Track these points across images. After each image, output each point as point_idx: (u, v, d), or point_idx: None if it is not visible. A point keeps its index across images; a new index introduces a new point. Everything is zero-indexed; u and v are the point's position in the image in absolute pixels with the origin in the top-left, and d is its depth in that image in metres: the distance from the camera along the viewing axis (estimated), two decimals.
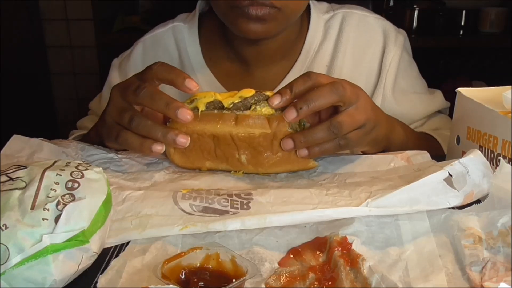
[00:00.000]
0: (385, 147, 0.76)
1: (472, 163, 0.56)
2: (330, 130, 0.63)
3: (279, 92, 0.64)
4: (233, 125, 0.64)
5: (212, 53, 0.99)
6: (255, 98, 0.65)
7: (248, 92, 0.66)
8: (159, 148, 0.64)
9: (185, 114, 0.63)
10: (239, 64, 0.97)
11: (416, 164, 0.68)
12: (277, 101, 0.64)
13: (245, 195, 0.60)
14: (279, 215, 0.55)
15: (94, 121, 1.01)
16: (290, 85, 0.64)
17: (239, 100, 0.65)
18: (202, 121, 0.65)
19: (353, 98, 0.64)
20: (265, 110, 0.65)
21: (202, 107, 0.65)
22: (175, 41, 1.00)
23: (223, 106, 0.65)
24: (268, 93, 0.65)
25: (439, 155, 0.74)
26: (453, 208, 0.55)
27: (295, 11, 0.86)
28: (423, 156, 0.70)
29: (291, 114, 0.63)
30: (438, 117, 0.98)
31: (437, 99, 0.98)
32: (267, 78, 0.96)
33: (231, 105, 0.65)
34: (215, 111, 0.65)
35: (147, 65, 0.68)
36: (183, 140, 0.64)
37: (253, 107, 0.65)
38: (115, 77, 1.02)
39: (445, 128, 0.93)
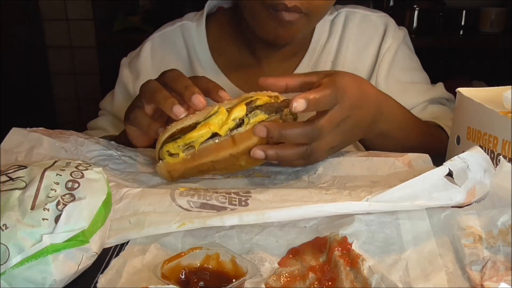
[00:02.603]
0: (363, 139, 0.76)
1: (472, 158, 0.55)
2: (303, 154, 0.63)
3: (305, 98, 0.61)
4: (232, 146, 0.63)
5: (222, 50, 1.00)
6: (247, 112, 0.63)
7: (240, 111, 0.63)
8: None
9: (198, 101, 0.64)
10: (250, 61, 0.99)
11: (417, 170, 0.68)
12: (301, 107, 0.61)
13: (243, 193, 0.60)
14: (278, 211, 0.55)
15: (109, 121, 1.02)
16: (318, 98, 0.61)
17: (234, 124, 0.63)
18: (201, 157, 0.63)
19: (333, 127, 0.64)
20: (258, 118, 0.63)
21: (197, 146, 0.63)
22: (184, 39, 1.01)
23: (218, 134, 0.63)
24: (259, 101, 0.63)
25: (443, 152, 0.73)
26: (453, 207, 0.55)
27: (319, 18, 0.90)
28: (424, 161, 0.70)
29: (262, 133, 0.62)
30: (438, 106, 0.97)
31: (437, 89, 0.98)
32: (275, 74, 0.97)
33: (227, 132, 0.63)
34: (210, 141, 0.63)
35: (157, 63, 0.71)
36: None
37: (246, 121, 0.63)
38: (126, 75, 1.03)
39: (445, 118, 0.93)
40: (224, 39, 1.00)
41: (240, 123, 0.63)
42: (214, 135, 0.63)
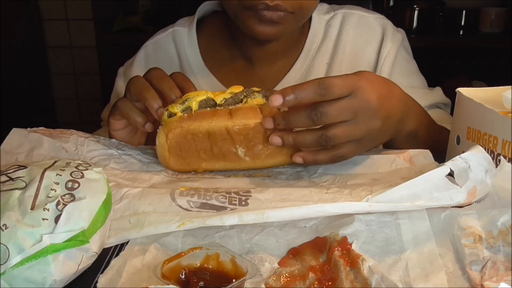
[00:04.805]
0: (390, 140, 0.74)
1: (474, 158, 0.55)
2: (319, 140, 0.63)
3: (281, 94, 0.61)
4: (228, 118, 0.66)
5: (214, 53, 1.00)
6: (244, 93, 0.67)
7: (237, 88, 0.68)
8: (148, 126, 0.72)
9: None
10: (242, 62, 0.99)
11: (418, 166, 0.68)
12: (278, 102, 0.61)
13: (243, 192, 0.60)
14: (278, 210, 0.54)
15: (107, 132, 1.03)
16: (296, 90, 0.61)
17: (230, 96, 0.67)
18: (197, 119, 0.66)
19: (347, 115, 0.62)
20: (256, 101, 0.66)
21: (195, 106, 0.66)
22: (175, 45, 1.02)
23: (215, 104, 0.67)
24: (255, 89, 0.68)
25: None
26: (453, 207, 0.55)
27: (306, 14, 0.90)
28: (425, 156, 0.70)
29: (269, 124, 0.64)
30: (437, 111, 0.97)
31: (436, 93, 0.98)
32: (269, 76, 0.97)
33: (223, 101, 0.67)
34: (208, 109, 0.67)
35: None
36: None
37: (244, 100, 0.67)
38: (120, 85, 1.04)
39: (445, 122, 0.93)
40: (216, 43, 1.00)
41: (239, 101, 0.67)
42: (213, 105, 0.67)
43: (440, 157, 0.70)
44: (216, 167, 0.71)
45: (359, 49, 0.98)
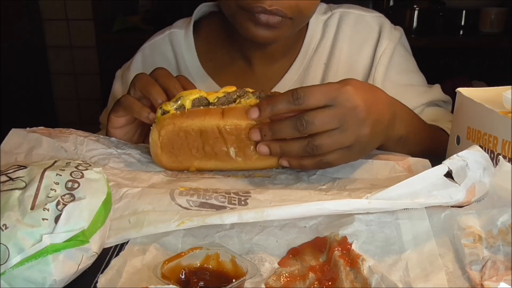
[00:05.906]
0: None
1: (471, 156, 0.55)
2: (305, 148, 0.62)
3: (258, 107, 0.63)
4: (220, 118, 0.66)
5: (211, 55, 1.00)
6: (238, 93, 0.67)
7: (230, 88, 0.68)
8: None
9: None
10: (240, 63, 0.98)
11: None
12: (254, 115, 0.63)
13: (243, 193, 0.60)
14: (277, 208, 0.54)
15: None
16: (272, 102, 0.63)
17: (223, 95, 0.67)
18: (189, 117, 0.66)
19: (334, 124, 0.61)
20: (249, 101, 0.66)
21: (188, 104, 0.67)
22: (172, 47, 1.02)
23: (208, 103, 0.67)
24: (249, 89, 0.68)
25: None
26: (453, 206, 0.55)
27: (304, 20, 0.90)
28: (424, 166, 0.69)
29: (256, 136, 0.65)
30: (436, 109, 0.96)
31: (435, 91, 0.97)
32: (267, 76, 0.97)
33: (216, 100, 0.67)
34: (201, 107, 0.67)
35: (147, 73, 0.76)
36: None
37: (237, 100, 0.67)
38: (117, 89, 1.04)
39: (443, 120, 0.92)
40: (214, 44, 1.00)
41: (232, 101, 0.67)
42: (206, 104, 0.67)
43: (439, 160, 0.69)
44: (208, 166, 0.70)
45: (356, 49, 0.97)
